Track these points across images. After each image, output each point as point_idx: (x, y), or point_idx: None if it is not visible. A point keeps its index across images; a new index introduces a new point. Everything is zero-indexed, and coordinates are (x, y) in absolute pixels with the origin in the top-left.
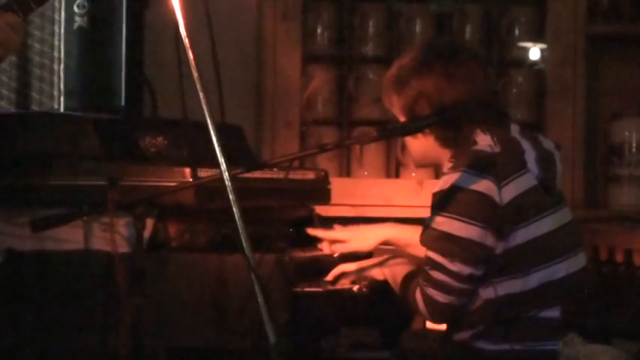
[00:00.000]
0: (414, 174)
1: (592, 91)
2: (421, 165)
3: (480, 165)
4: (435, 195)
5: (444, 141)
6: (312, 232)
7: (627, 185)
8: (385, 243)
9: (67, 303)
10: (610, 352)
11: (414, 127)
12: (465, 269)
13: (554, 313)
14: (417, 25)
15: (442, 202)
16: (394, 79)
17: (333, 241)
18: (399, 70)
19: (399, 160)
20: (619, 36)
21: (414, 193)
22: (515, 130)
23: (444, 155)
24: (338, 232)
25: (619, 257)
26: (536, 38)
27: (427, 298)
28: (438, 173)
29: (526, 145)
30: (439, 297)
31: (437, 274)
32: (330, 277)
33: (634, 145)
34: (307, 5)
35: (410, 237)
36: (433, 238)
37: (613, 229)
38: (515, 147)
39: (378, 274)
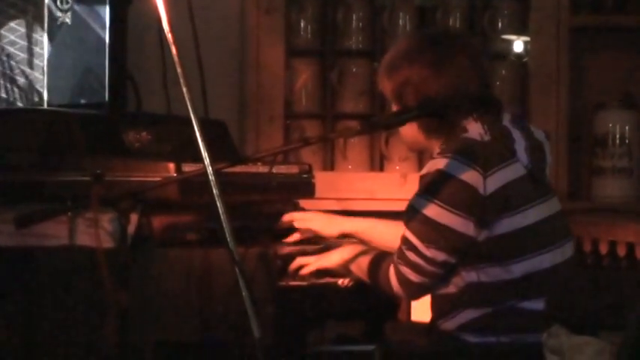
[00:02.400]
0: (397, 167)
1: (576, 83)
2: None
3: (467, 153)
4: (421, 177)
5: (428, 132)
6: (287, 218)
7: (611, 177)
8: (347, 236)
9: (52, 299)
10: (595, 343)
11: (397, 120)
12: (439, 255)
13: (538, 304)
14: (401, 18)
15: (427, 186)
16: (387, 64)
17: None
18: (392, 55)
19: (383, 153)
20: (603, 27)
21: (398, 187)
22: (506, 119)
23: (431, 144)
24: (309, 213)
25: (603, 249)
26: (519, 31)
27: (400, 276)
28: (421, 166)
29: (516, 134)
30: (412, 276)
31: (411, 255)
32: (290, 269)
33: (618, 136)
34: None
35: (374, 233)
36: (413, 219)
37: (597, 221)
38: (505, 136)
39: (337, 261)
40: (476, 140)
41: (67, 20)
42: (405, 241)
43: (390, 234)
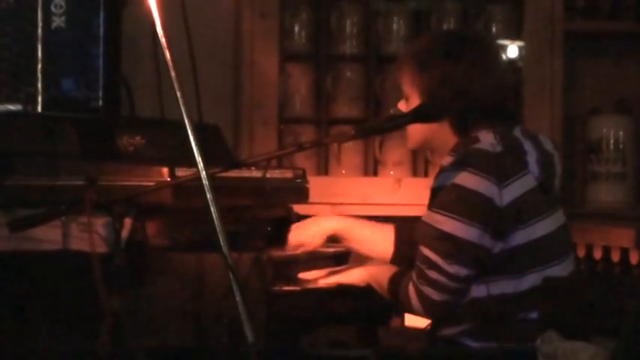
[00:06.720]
0: (392, 172)
1: (569, 88)
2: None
3: (482, 165)
4: (434, 191)
5: (458, 127)
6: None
7: (605, 182)
8: (332, 237)
9: (46, 304)
10: (588, 349)
11: (391, 125)
12: (461, 271)
13: (534, 314)
14: (395, 23)
15: (442, 200)
16: (419, 59)
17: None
18: (424, 49)
19: (377, 158)
20: (596, 33)
21: (392, 192)
22: (517, 129)
23: (449, 142)
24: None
25: (597, 254)
26: (513, 36)
27: (422, 296)
28: (415, 171)
29: (528, 145)
30: (434, 295)
31: (433, 274)
32: (304, 276)
33: (612, 141)
34: (285, 4)
35: (357, 232)
36: (431, 237)
37: (591, 226)
38: (517, 147)
39: (358, 280)
40: (489, 151)
41: (62, 24)
42: (424, 259)
43: (366, 235)
